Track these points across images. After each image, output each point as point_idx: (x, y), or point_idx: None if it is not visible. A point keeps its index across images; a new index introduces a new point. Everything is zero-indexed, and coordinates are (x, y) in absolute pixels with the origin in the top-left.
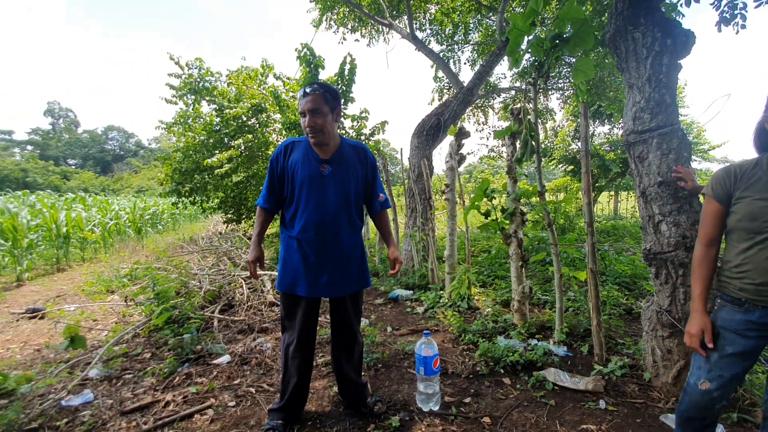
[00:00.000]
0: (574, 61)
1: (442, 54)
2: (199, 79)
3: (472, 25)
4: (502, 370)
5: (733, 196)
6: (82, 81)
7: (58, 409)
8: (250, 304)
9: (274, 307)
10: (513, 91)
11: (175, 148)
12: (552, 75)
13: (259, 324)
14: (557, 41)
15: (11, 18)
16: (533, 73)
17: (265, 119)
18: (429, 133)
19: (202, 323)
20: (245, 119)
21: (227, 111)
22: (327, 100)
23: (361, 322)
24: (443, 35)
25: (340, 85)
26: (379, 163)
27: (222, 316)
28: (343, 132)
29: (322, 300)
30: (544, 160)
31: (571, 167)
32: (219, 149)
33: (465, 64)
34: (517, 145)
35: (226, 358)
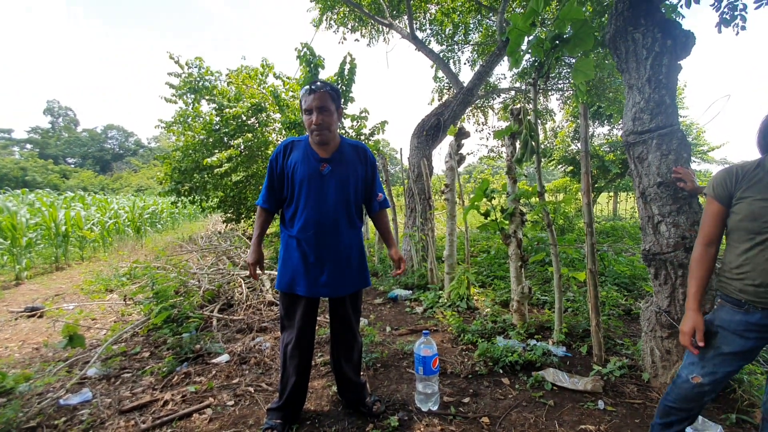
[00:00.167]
0: (574, 61)
1: (442, 54)
2: (198, 78)
3: (472, 26)
4: (501, 370)
5: (734, 196)
6: (81, 81)
7: (57, 408)
8: (249, 303)
9: (273, 307)
10: (513, 92)
11: (174, 147)
12: (552, 75)
13: (258, 323)
14: (557, 42)
15: (11, 18)
16: (533, 74)
17: (264, 119)
18: (429, 133)
19: (201, 322)
20: (245, 118)
21: (227, 110)
22: (333, 99)
23: (360, 321)
24: (443, 35)
25: (340, 85)
26: (378, 163)
27: (221, 316)
28: (342, 132)
29: (321, 299)
30: (543, 160)
31: (570, 168)
32: (218, 148)
33: (465, 64)
34: (517, 145)
35: (225, 358)
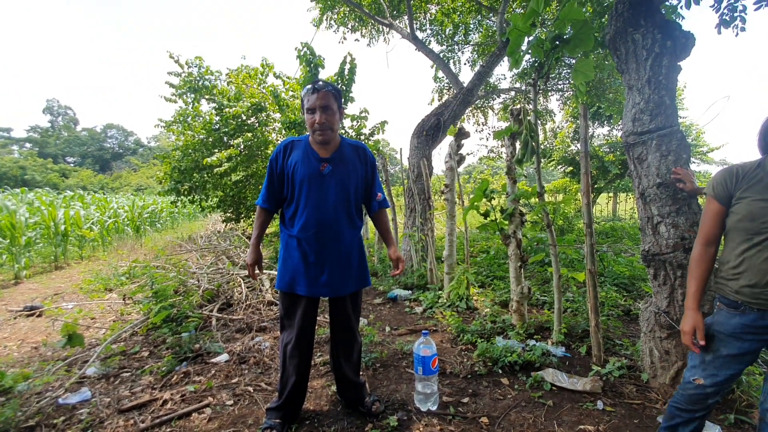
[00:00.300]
0: (574, 62)
1: (442, 54)
2: (198, 78)
3: (472, 26)
4: (500, 371)
5: (734, 196)
6: (81, 80)
7: (56, 407)
8: (248, 303)
9: (272, 306)
10: (513, 92)
11: (174, 147)
12: (552, 76)
13: (258, 323)
14: (557, 42)
15: (11, 17)
16: (533, 74)
17: (264, 118)
18: (428, 133)
19: (200, 322)
20: (245, 118)
21: (227, 110)
22: (336, 98)
23: (360, 321)
24: (443, 35)
25: (340, 85)
26: (378, 163)
27: (220, 315)
28: (342, 132)
29: (321, 299)
30: (543, 161)
31: (570, 168)
32: (218, 148)
33: (465, 64)
34: (517, 145)
35: (225, 357)
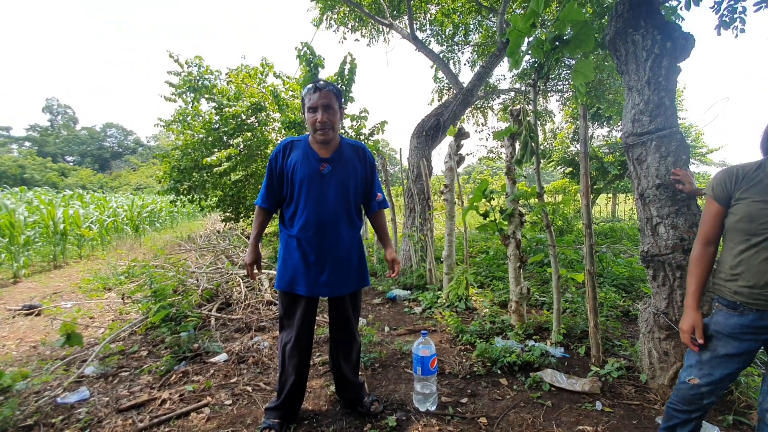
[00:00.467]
0: (573, 63)
1: (442, 54)
2: (198, 77)
3: (472, 26)
4: (499, 371)
5: (733, 197)
6: (81, 80)
7: (54, 406)
8: (247, 302)
9: (271, 306)
10: (512, 93)
11: (173, 146)
12: (551, 77)
13: (257, 323)
14: (557, 43)
15: (11, 17)
16: (533, 75)
17: (264, 118)
18: (428, 133)
19: (199, 321)
20: (244, 118)
21: (226, 109)
22: (337, 98)
23: (359, 321)
24: (443, 36)
25: (340, 85)
26: (378, 163)
27: (219, 315)
28: (342, 131)
29: (320, 299)
30: (543, 161)
31: (569, 169)
32: (218, 147)
33: (465, 65)
34: (517, 146)
35: (223, 357)
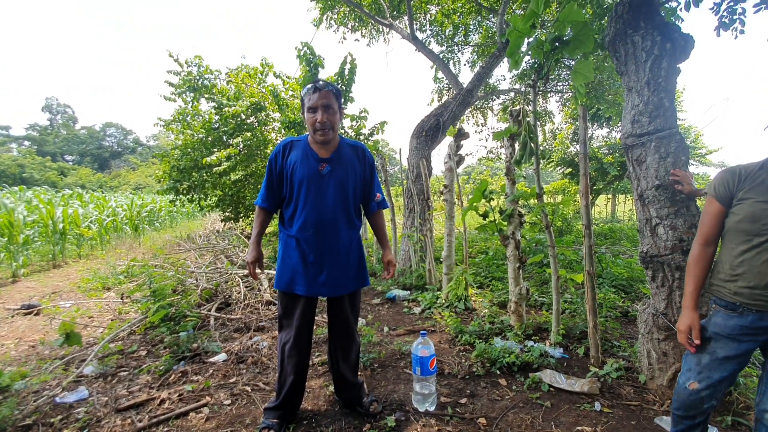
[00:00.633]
0: (573, 63)
1: (442, 55)
2: (198, 77)
3: (472, 27)
4: (498, 371)
5: (736, 197)
6: (81, 80)
7: (53, 406)
8: (246, 302)
9: (271, 306)
10: (512, 93)
11: (173, 146)
12: (551, 77)
13: (256, 322)
14: (557, 44)
15: (12, 17)
16: (533, 76)
17: (264, 118)
18: (428, 133)
19: (198, 321)
20: (244, 117)
21: (226, 109)
22: (337, 98)
23: (359, 321)
24: (443, 36)
25: (340, 85)
26: (377, 164)
27: (218, 315)
28: (342, 132)
29: (320, 299)
30: (542, 162)
31: (569, 170)
32: (217, 147)
33: (465, 65)
34: (516, 146)
35: (222, 357)
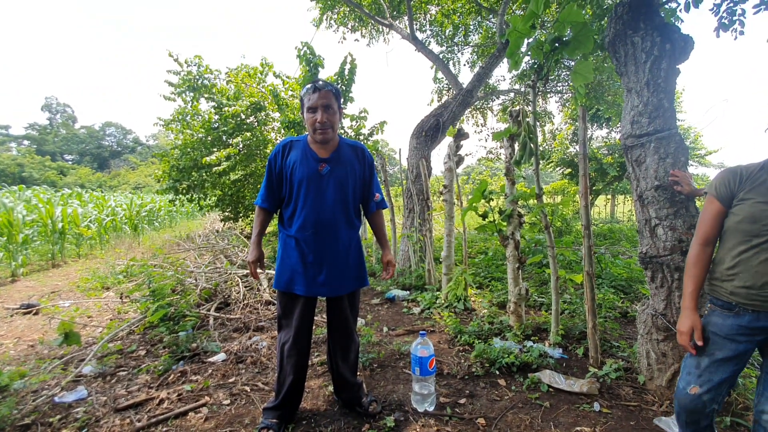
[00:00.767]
0: (573, 64)
1: (441, 55)
2: (198, 77)
3: (472, 27)
4: (497, 372)
5: (736, 197)
6: (81, 80)
7: (52, 406)
8: (246, 302)
9: (270, 306)
10: (512, 94)
11: (173, 146)
12: (551, 78)
13: (255, 322)
14: (557, 44)
15: (12, 16)
16: (532, 76)
17: (263, 117)
18: (428, 134)
19: (197, 321)
20: (244, 117)
21: (226, 109)
22: (337, 98)
23: (358, 321)
24: (443, 36)
25: (339, 85)
26: (377, 164)
27: (218, 314)
28: (342, 131)
29: (319, 299)
30: (542, 162)
31: (568, 170)
32: (217, 147)
33: (465, 65)
34: (516, 147)
35: (222, 356)
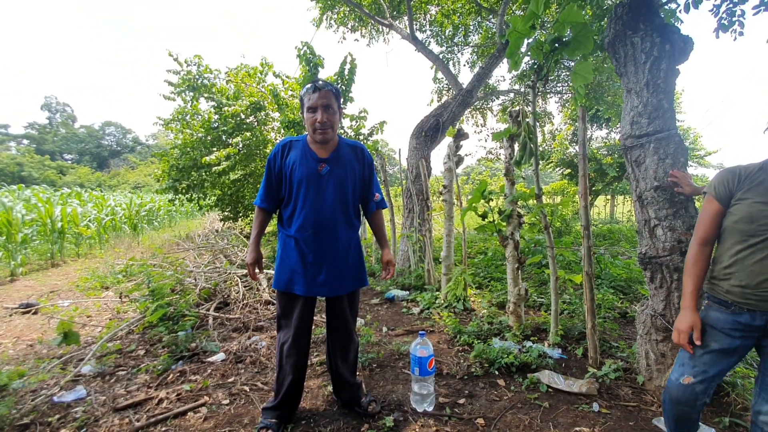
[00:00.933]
0: (573, 64)
1: (441, 55)
2: (197, 76)
3: (472, 27)
4: (496, 372)
5: (735, 197)
6: (81, 80)
7: (51, 405)
8: (245, 302)
9: (269, 306)
10: (512, 94)
11: (172, 145)
12: (551, 78)
13: (255, 322)
14: (557, 45)
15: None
16: (532, 76)
17: (263, 117)
18: (427, 134)
19: (197, 321)
20: (244, 117)
21: (225, 108)
22: (336, 98)
23: (357, 321)
24: (443, 36)
25: (339, 85)
26: (377, 163)
27: (217, 314)
28: (341, 131)
29: (318, 299)
30: (541, 163)
31: (568, 170)
32: (217, 147)
33: (464, 65)
34: (516, 147)
35: (221, 356)
